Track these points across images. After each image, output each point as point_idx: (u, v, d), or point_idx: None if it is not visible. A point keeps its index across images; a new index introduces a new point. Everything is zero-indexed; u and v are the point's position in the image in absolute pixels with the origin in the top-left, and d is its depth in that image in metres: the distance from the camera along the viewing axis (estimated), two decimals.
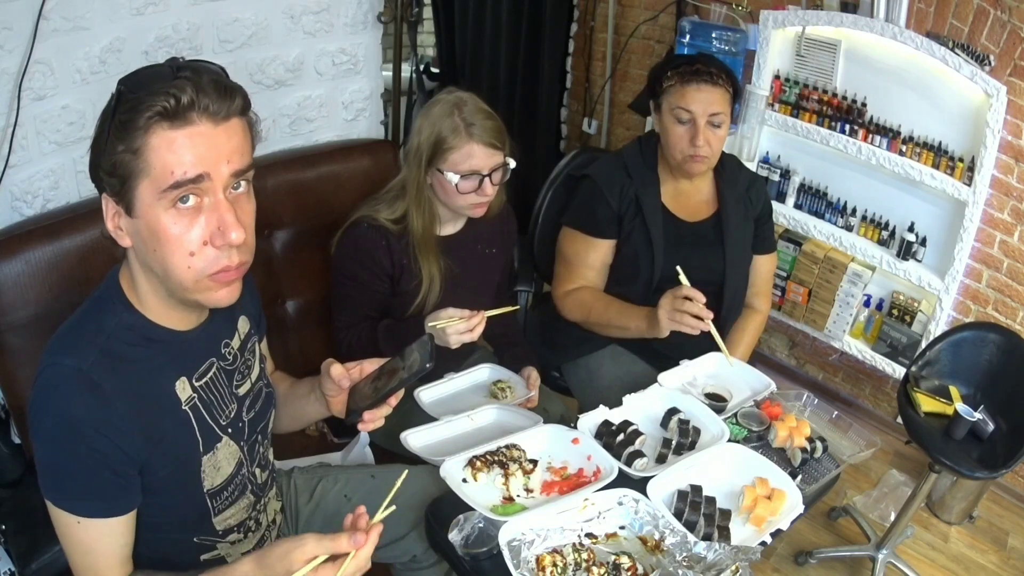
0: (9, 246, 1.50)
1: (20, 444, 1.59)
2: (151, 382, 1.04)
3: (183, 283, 0.97)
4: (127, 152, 0.91)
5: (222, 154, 0.93)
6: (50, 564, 1.36)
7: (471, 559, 1.23)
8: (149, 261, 0.97)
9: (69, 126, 1.69)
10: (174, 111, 0.89)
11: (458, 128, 1.59)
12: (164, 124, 0.90)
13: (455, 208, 1.68)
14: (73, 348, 0.98)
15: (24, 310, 1.50)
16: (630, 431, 1.45)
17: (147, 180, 0.92)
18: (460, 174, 1.60)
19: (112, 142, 0.91)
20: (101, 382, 0.97)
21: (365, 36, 2.19)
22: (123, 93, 0.92)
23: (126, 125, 0.90)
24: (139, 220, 0.95)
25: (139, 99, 0.90)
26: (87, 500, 1.00)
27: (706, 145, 1.75)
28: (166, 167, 0.91)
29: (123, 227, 0.97)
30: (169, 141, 0.90)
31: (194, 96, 0.90)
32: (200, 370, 1.10)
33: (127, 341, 1.02)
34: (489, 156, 1.61)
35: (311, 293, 2.00)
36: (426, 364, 1.09)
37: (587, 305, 1.89)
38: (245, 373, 1.20)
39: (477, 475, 1.35)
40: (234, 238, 0.95)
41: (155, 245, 0.95)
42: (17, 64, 1.55)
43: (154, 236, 0.94)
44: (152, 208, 0.93)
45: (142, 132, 0.90)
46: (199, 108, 0.91)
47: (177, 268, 0.95)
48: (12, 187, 1.63)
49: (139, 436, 1.00)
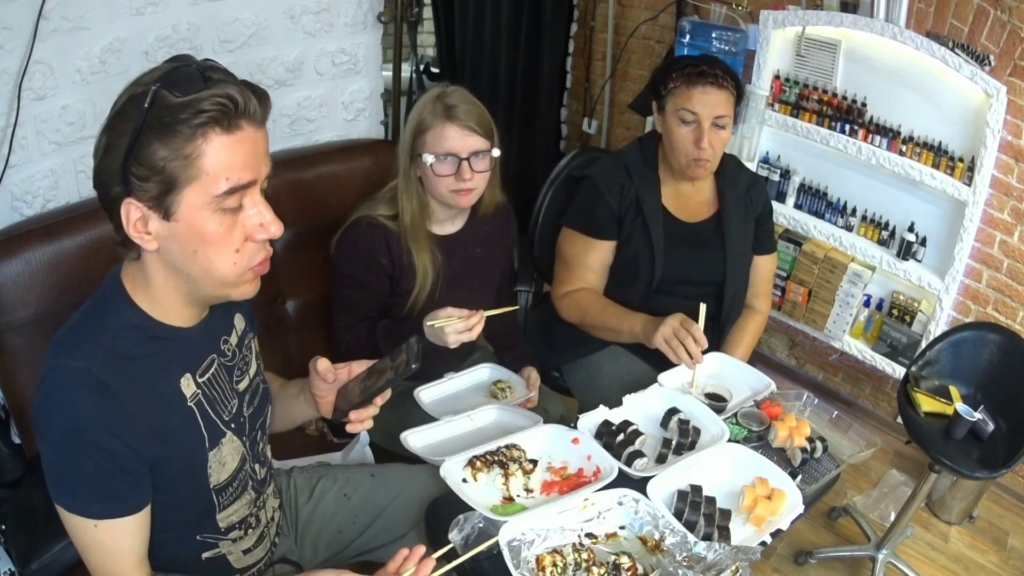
0: (9, 246, 1.50)
1: (20, 444, 1.59)
2: (157, 379, 1.04)
3: (226, 279, 1.00)
4: (176, 158, 0.90)
5: (262, 157, 0.97)
6: (50, 564, 1.36)
7: (471, 559, 1.23)
8: (184, 263, 0.98)
9: (69, 126, 1.69)
10: (228, 117, 0.91)
11: (436, 111, 1.61)
12: (217, 130, 0.91)
13: (438, 197, 1.68)
14: (78, 349, 0.98)
15: (24, 310, 1.50)
16: (630, 431, 1.45)
17: (196, 185, 0.92)
18: (435, 155, 1.60)
19: (150, 146, 0.90)
20: (108, 381, 0.97)
21: (365, 36, 2.19)
22: (160, 95, 0.89)
23: (171, 129, 0.89)
24: (179, 224, 0.95)
25: (186, 104, 0.89)
26: (101, 502, 0.99)
27: (710, 148, 1.75)
28: (220, 173, 0.92)
29: (153, 231, 0.95)
30: (223, 147, 0.92)
31: (242, 101, 0.92)
32: (203, 366, 1.11)
33: (132, 339, 1.02)
34: (465, 138, 1.61)
35: (311, 293, 2.00)
36: (412, 365, 1.09)
37: (583, 307, 1.89)
38: (244, 369, 1.21)
39: (477, 475, 1.35)
40: (275, 231, 0.99)
41: (198, 246, 0.96)
42: (17, 64, 1.55)
43: (199, 238, 0.95)
44: (199, 212, 0.94)
45: (195, 137, 0.90)
46: (248, 113, 0.93)
47: (223, 266, 0.98)
48: (12, 187, 1.63)
49: (148, 434, 1.00)
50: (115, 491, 1.00)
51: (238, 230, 0.98)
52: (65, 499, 1.00)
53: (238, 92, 0.91)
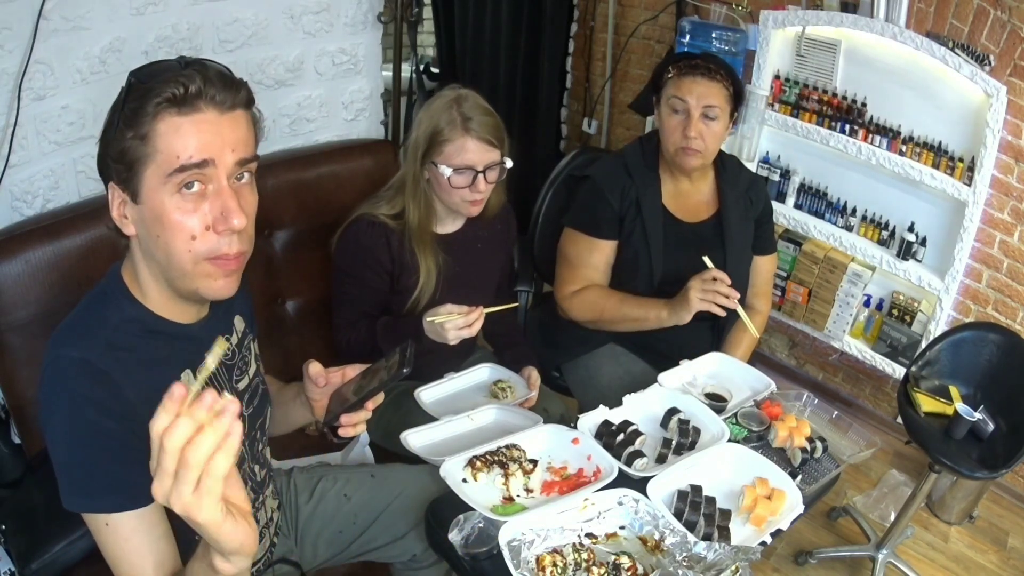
0: (9, 246, 1.50)
1: (20, 444, 1.59)
2: (157, 373, 1.03)
3: (183, 266, 0.99)
4: (135, 138, 0.94)
5: (227, 142, 0.96)
6: (50, 564, 1.36)
7: (471, 559, 1.23)
8: (152, 248, 0.99)
9: (69, 126, 1.69)
10: (182, 99, 0.93)
11: (455, 121, 1.60)
12: (172, 111, 0.93)
13: (449, 204, 1.68)
14: (78, 340, 0.99)
15: (24, 310, 1.50)
16: (630, 431, 1.45)
17: (153, 165, 0.94)
18: (453, 168, 1.60)
19: (121, 130, 0.95)
20: (108, 371, 0.97)
21: (365, 36, 2.19)
22: (133, 84, 0.95)
23: (135, 112, 0.93)
24: (144, 206, 0.97)
25: (149, 88, 0.93)
26: (109, 494, 0.98)
27: (699, 138, 1.76)
28: (172, 151, 0.93)
29: (128, 215, 0.99)
30: (176, 126, 0.93)
31: (201, 85, 0.93)
32: None
33: (131, 333, 1.02)
34: (484, 152, 1.61)
35: (311, 293, 2.00)
36: (404, 369, 1.09)
37: (598, 304, 1.89)
38: (243, 369, 1.21)
39: (477, 475, 1.35)
40: (236, 224, 0.97)
41: (159, 230, 0.97)
42: (17, 64, 1.55)
43: (158, 221, 0.96)
44: (157, 192, 0.95)
45: (150, 118, 0.93)
46: (206, 97, 0.94)
47: (179, 252, 0.98)
48: (12, 187, 1.63)
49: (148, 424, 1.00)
50: (122, 481, 0.98)
51: (198, 216, 0.96)
52: (77, 498, 0.99)
53: (200, 78, 0.93)
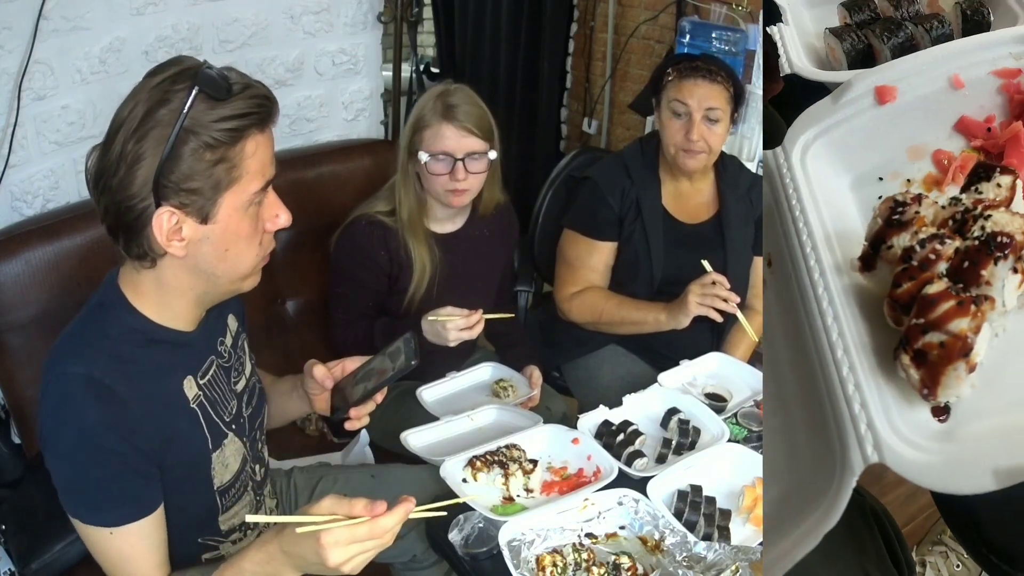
0: (9, 246, 1.51)
1: (20, 444, 1.59)
2: (160, 382, 1.04)
3: (246, 273, 1.02)
4: (222, 161, 0.91)
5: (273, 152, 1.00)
6: (50, 564, 1.36)
7: (471, 559, 1.23)
8: (213, 263, 0.99)
9: (69, 126, 1.69)
10: (265, 116, 0.94)
11: (436, 109, 1.61)
12: (254, 130, 0.93)
13: (432, 194, 1.68)
14: (80, 355, 0.98)
15: (24, 310, 1.50)
16: (630, 431, 1.45)
17: (237, 186, 0.94)
18: (430, 154, 1.61)
19: (193, 152, 0.90)
20: (112, 385, 0.97)
21: (365, 36, 2.20)
22: (196, 101, 0.89)
23: (215, 133, 0.90)
24: (216, 225, 0.95)
25: (226, 106, 0.90)
26: (117, 508, 0.99)
27: (701, 140, 1.75)
28: (259, 172, 0.95)
29: (187, 236, 0.94)
30: (260, 146, 0.95)
31: (271, 99, 0.95)
32: (203, 368, 1.11)
33: (133, 343, 1.02)
34: (462, 139, 1.60)
35: (311, 293, 2.00)
36: (411, 362, 1.10)
37: (597, 306, 1.89)
38: (240, 370, 1.21)
39: (477, 475, 1.35)
40: (284, 220, 1.02)
41: (230, 245, 0.98)
42: (17, 64, 1.56)
43: (234, 237, 0.97)
44: (237, 211, 0.96)
45: (239, 140, 0.92)
46: (274, 112, 0.96)
47: (249, 260, 1.01)
48: (12, 187, 1.63)
49: (154, 436, 1.01)
50: (129, 495, 0.99)
51: (259, 223, 1.00)
52: (81, 511, 0.99)
53: (265, 90, 0.94)
